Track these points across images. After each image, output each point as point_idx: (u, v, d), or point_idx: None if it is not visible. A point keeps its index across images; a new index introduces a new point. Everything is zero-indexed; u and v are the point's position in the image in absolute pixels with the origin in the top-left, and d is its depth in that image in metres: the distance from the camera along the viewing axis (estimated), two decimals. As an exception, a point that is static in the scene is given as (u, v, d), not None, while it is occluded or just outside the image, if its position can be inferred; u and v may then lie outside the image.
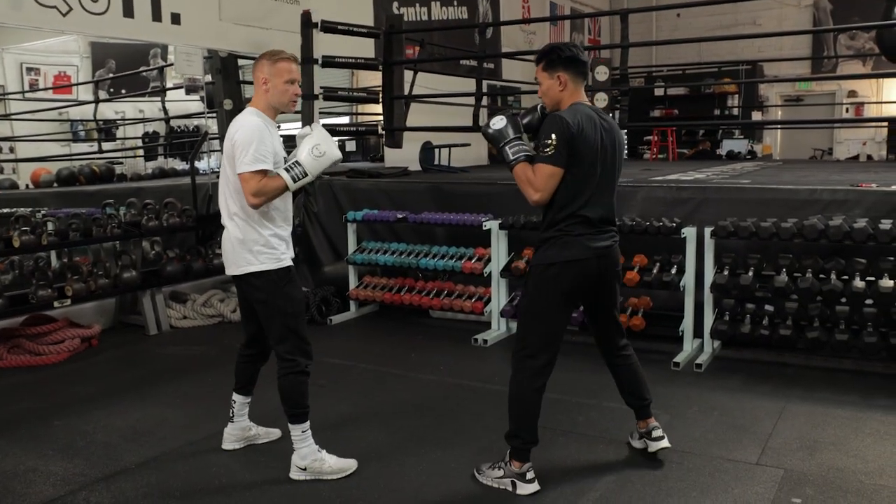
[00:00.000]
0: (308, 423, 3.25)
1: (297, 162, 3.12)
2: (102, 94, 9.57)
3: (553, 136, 2.93)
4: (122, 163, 9.71)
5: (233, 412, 3.56)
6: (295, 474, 3.25)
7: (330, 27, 6.47)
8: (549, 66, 3.08)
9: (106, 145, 9.76)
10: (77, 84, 9.67)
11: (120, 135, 10.23)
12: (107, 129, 9.81)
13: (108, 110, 9.73)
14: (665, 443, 3.34)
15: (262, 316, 3.24)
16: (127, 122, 10.09)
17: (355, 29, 6.75)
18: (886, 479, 3.17)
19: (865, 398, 4.13)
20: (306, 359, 3.21)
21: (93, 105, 9.38)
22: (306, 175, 3.12)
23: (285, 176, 3.09)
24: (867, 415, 3.88)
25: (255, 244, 3.16)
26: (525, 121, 3.16)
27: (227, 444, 3.56)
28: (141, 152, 10.17)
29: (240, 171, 3.07)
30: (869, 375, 4.52)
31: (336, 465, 3.26)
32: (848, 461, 3.35)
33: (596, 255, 3.06)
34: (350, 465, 3.30)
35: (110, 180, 8.88)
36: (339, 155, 3.22)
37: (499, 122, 3.14)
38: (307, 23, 6.48)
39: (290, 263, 3.25)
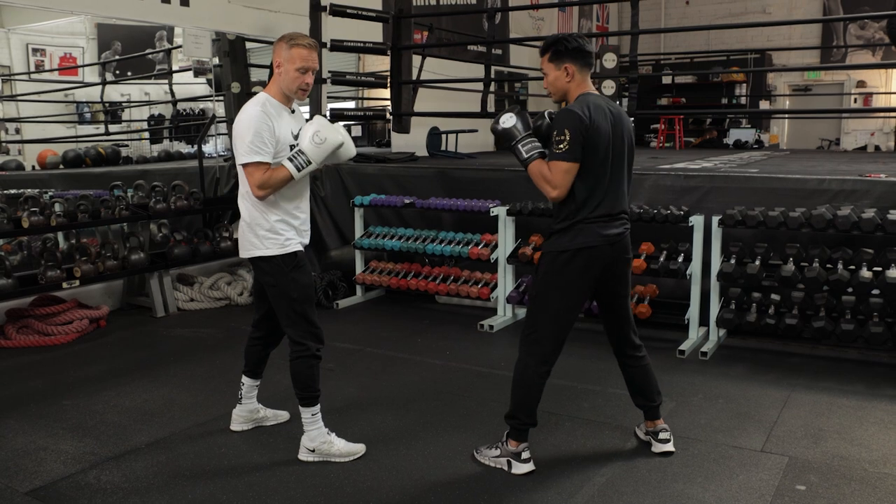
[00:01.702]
0: (318, 406, 3.28)
1: (300, 151, 3.11)
2: (108, 76, 9.57)
3: (566, 131, 2.92)
4: (127, 145, 9.73)
5: (241, 394, 3.59)
6: (304, 455, 3.28)
7: (339, 10, 6.46)
8: (555, 57, 3.07)
9: (112, 127, 9.78)
10: (83, 66, 9.67)
11: (125, 117, 10.24)
12: (113, 112, 9.82)
13: (113, 92, 9.73)
14: (670, 447, 3.34)
15: (272, 299, 3.27)
16: (132, 104, 10.10)
17: (364, 13, 6.73)
18: (891, 467, 3.19)
19: (871, 388, 4.15)
20: (316, 342, 3.23)
21: (98, 87, 9.39)
22: (310, 163, 3.11)
23: (289, 166, 3.09)
24: (872, 404, 3.90)
25: (261, 229, 3.17)
26: (534, 126, 3.12)
27: (235, 425, 3.60)
28: (147, 135, 10.19)
29: (239, 163, 3.10)
30: (874, 365, 4.54)
31: (345, 448, 3.30)
32: (852, 449, 3.37)
33: (608, 243, 3.06)
34: (358, 449, 3.32)
35: (116, 163, 8.89)
36: (339, 140, 3.15)
37: (508, 120, 3.09)
38: (316, 6, 6.48)
39: (298, 249, 3.24)
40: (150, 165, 8.92)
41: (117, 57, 9.61)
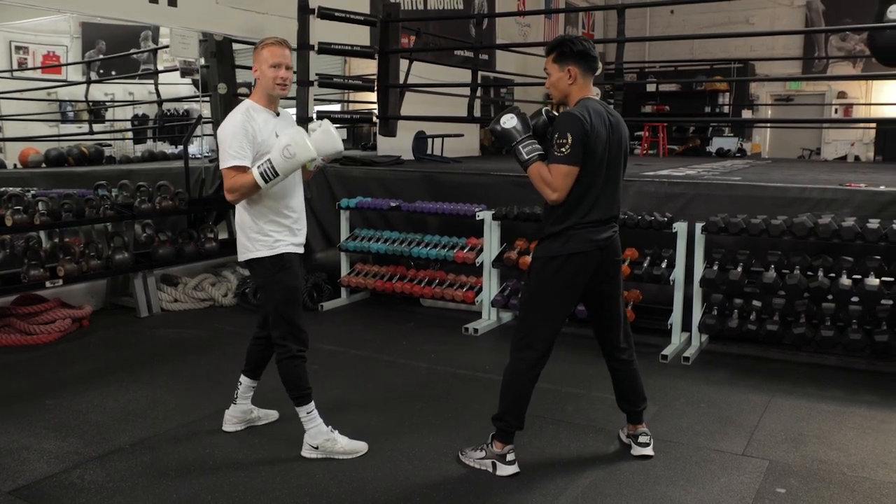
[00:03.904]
0: (312, 403, 3.31)
1: (269, 160, 3.06)
2: (92, 76, 9.50)
3: (568, 135, 2.95)
4: (110, 145, 9.66)
5: (237, 394, 3.59)
6: (307, 452, 3.31)
7: (327, 14, 6.47)
8: (560, 58, 3.10)
9: (96, 127, 9.71)
10: (66, 64, 9.61)
11: (108, 117, 10.17)
12: (96, 111, 9.75)
13: (97, 92, 9.66)
14: (649, 451, 3.38)
15: (261, 300, 3.33)
16: (116, 103, 10.04)
17: (352, 16, 6.75)
18: (869, 471, 3.25)
19: (849, 393, 4.21)
20: (298, 344, 3.25)
21: (81, 85, 9.33)
22: (277, 175, 3.06)
23: (256, 174, 3.06)
24: (851, 409, 3.97)
25: (251, 231, 3.21)
26: (531, 123, 3.14)
27: (228, 426, 3.59)
28: (130, 134, 10.13)
29: (220, 167, 3.14)
30: (853, 372, 4.60)
31: (348, 446, 3.34)
32: (831, 454, 3.42)
33: (598, 247, 3.10)
34: (361, 447, 3.37)
35: (99, 162, 8.83)
36: (311, 154, 3.07)
37: (509, 121, 3.09)
38: (304, 8, 6.47)
39: (287, 251, 3.25)
40: (135, 165, 8.86)
41: (101, 56, 9.55)
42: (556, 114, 3.19)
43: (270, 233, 3.22)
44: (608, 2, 14.11)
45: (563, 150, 2.95)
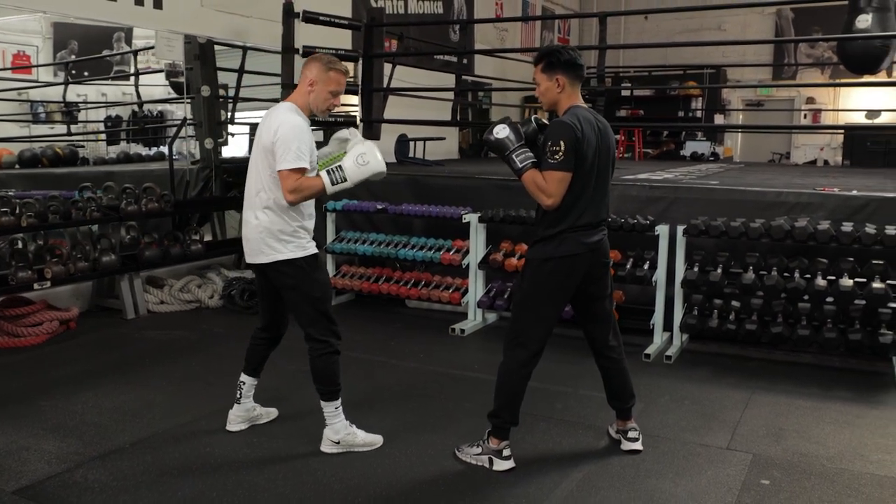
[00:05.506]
0: (340, 399, 3.41)
1: (339, 167, 3.19)
2: (66, 76, 9.45)
3: (562, 142, 3.06)
4: (83, 146, 9.59)
5: (240, 393, 3.64)
6: (327, 448, 3.40)
7: (312, 17, 6.52)
8: (548, 68, 3.21)
9: (72, 128, 9.63)
10: (38, 66, 9.53)
11: (81, 118, 10.09)
12: (69, 112, 9.68)
13: (69, 92, 9.60)
14: (638, 445, 3.50)
15: (291, 301, 3.37)
16: (90, 105, 9.97)
17: (337, 20, 6.81)
18: (846, 463, 3.41)
19: (825, 390, 4.38)
20: (337, 339, 3.38)
21: (52, 86, 9.27)
22: (345, 181, 3.21)
23: (325, 178, 3.19)
24: (827, 405, 4.13)
25: (283, 234, 3.27)
26: (522, 131, 3.23)
27: (233, 425, 3.64)
28: (103, 136, 10.08)
29: (280, 168, 3.17)
30: (828, 369, 4.77)
31: (366, 438, 3.46)
32: (811, 447, 3.57)
33: (589, 249, 3.22)
34: (378, 439, 3.49)
35: (74, 163, 8.78)
36: (383, 167, 3.26)
37: (502, 131, 3.19)
38: (289, 12, 6.52)
39: (316, 251, 3.38)
40: (114, 167, 8.82)
41: (73, 56, 9.48)
42: (545, 121, 3.30)
43: (302, 235, 3.32)
44: (584, 9, 14.33)
45: (557, 157, 3.07)
